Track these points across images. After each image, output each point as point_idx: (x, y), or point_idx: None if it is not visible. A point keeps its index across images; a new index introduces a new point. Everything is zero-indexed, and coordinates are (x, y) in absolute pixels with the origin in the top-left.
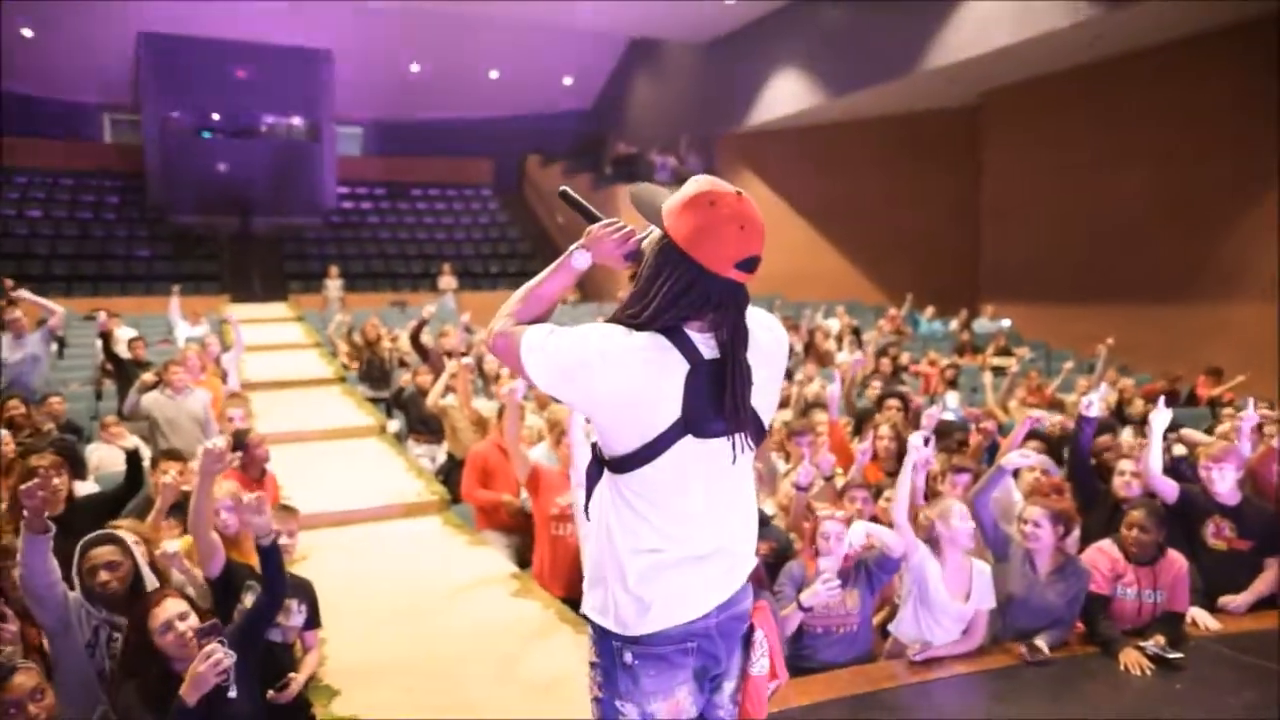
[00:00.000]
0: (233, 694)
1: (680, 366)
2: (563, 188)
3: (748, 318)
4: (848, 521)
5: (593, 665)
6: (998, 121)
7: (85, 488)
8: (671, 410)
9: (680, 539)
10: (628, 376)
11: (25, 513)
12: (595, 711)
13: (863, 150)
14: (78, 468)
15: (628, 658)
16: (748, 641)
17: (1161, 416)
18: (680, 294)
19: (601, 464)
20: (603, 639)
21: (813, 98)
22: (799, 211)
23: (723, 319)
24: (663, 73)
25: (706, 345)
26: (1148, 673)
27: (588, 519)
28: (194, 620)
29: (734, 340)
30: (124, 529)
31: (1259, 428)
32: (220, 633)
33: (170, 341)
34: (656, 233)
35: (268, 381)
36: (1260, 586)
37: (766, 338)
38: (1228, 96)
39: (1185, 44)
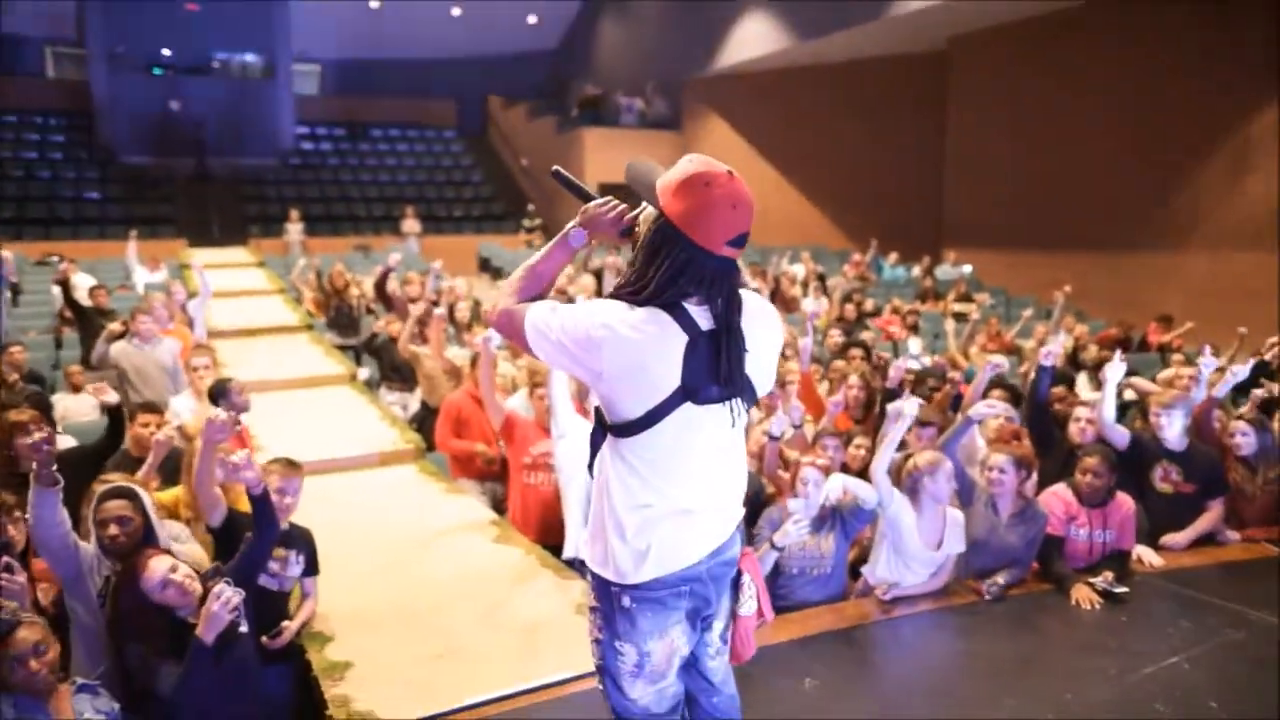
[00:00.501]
0: (244, 628)
1: (679, 338)
2: (555, 167)
3: (744, 297)
4: (826, 470)
5: (592, 610)
6: (964, 68)
7: (60, 441)
8: (672, 379)
9: (673, 496)
10: (631, 350)
11: (35, 466)
12: (596, 652)
13: (829, 95)
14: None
15: (625, 601)
16: (736, 585)
17: (1116, 369)
18: (678, 271)
19: (604, 428)
20: (602, 585)
21: (780, 41)
22: (765, 156)
23: (718, 292)
24: (630, 14)
25: (703, 317)
26: (1096, 607)
27: (591, 478)
28: (186, 569)
29: (728, 312)
30: (121, 500)
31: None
32: (224, 574)
33: (129, 288)
34: (651, 210)
35: (232, 329)
36: (1201, 525)
37: (760, 315)
38: (1185, 52)
39: None
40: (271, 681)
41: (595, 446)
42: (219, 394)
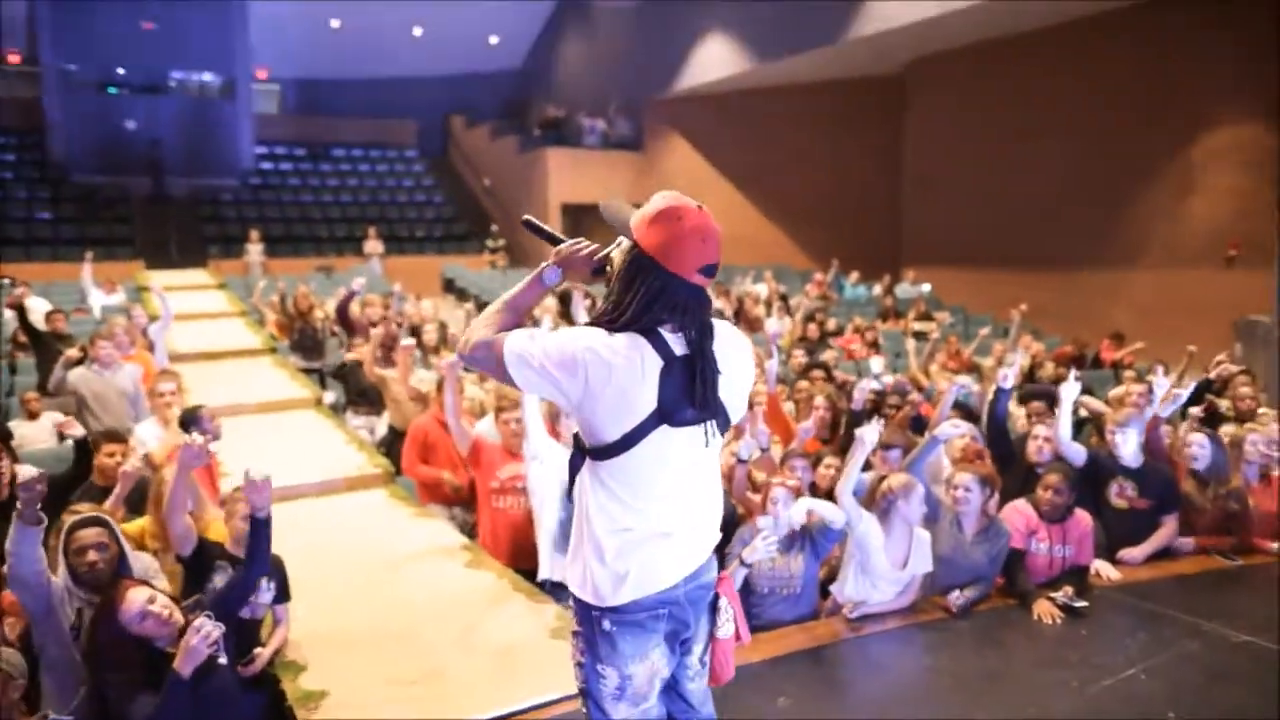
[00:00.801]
0: (223, 660)
1: (656, 362)
2: (526, 217)
3: (716, 325)
4: (796, 490)
5: (575, 634)
6: (921, 91)
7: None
8: (649, 402)
9: (652, 518)
10: (612, 373)
11: (20, 505)
12: (579, 675)
13: (790, 117)
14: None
15: (606, 625)
16: (713, 608)
17: (1071, 389)
18: (653, 298)
19: (582, 453)
20: (584, 610)
21: (741, 63)
22: (727, 176)
23: (691, 319)
24: (592, 35)
25: (678, 343)
26: (1058, 621)
27: (570, 502)
28: (164, 599)
29: (701, 338)
30: (96, 529)
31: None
32: (204, 607)
33: (85, 310)
34: (625, 244)
35: (194, 353)
36: (1156, 540)
37: (732, 341)
38: (1133, 77)
39: (1095, 21)
40: (246, 710)
41: (574, 470)
42: (190, 422)
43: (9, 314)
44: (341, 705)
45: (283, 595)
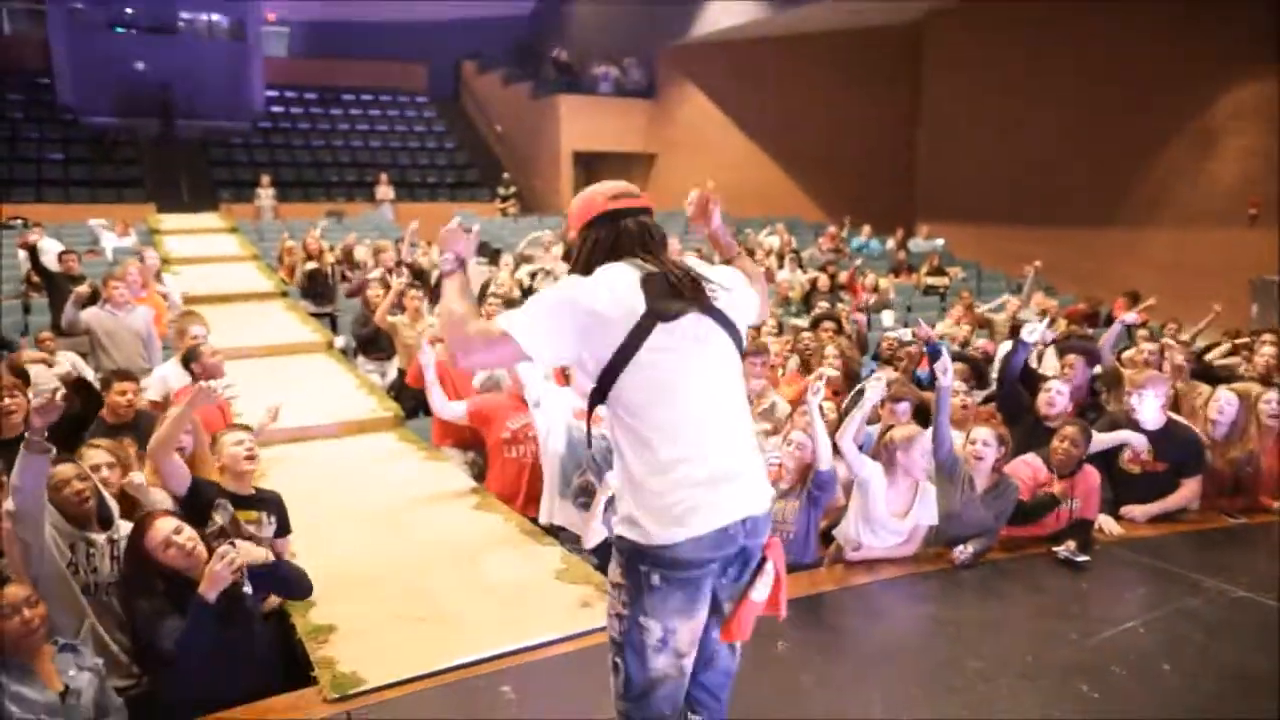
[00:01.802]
0: (248, 589)
1: (633, 275)
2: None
3: (697, 262)
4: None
5: (616, 586)
6: (940, 42)
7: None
8: (638, 305)
9: (685, 456)
10: (600, 294)
11: (30, 432)
12: (617, 626)
13: (805, 66)
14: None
15: (655, 579)
16: (757, 570)
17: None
18: (609, 238)
19: (599, 395)
20: (630, 563)
21: (756, 11)
22: (740, 126)
23: (653, 247)
24: None
25: (648, 265)
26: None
27: (594, 457)
28: (190, 531)
29: (662, 257)
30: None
31: (1162, 351)
32: (228, 536)
33: (98, 253)
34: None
35: (207, 296)
36: (1168, 503)
37: (717, 267)
38: (1155, 32)
39: None
40: (262, 639)
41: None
42: (190, 358)
43: (22, 255)
44: (349, 640)
45: (282, 529)
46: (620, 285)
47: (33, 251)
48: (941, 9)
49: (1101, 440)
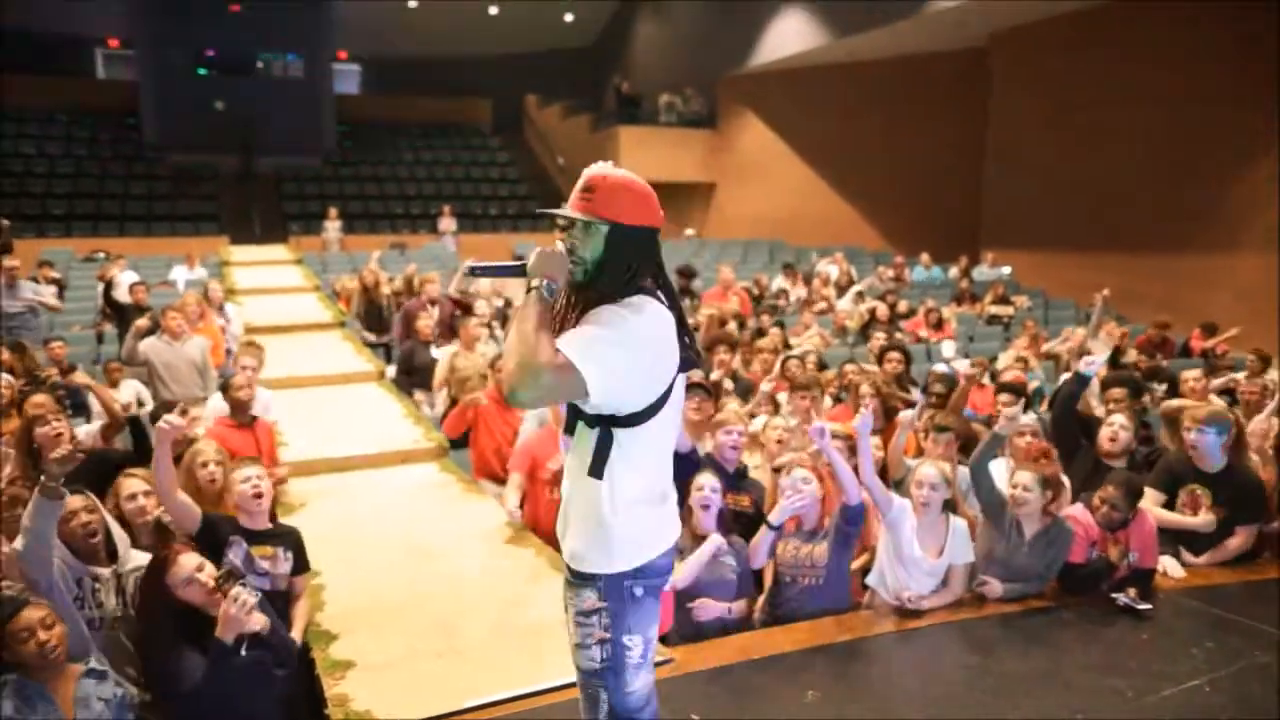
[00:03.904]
0: (258, 625)
1: (669, 316)
2: (470, 264)
3: None
4: (815, 472)
5: (594, 613)
6: (1004, 66)
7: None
8: (677, 354)
9: (658, 477)
10: (668, 341)
11: (46, 475)
12: (600, 654)
13: (866, 94)
14: (81, 412)
15: (638, 591)
16: None
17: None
18: (648, 258)
19: (608, 426)
20: (613, 583)
21: (817, 39)
22: (800, 155)
23: (662, 268)
24: (666, 11)
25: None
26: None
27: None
28: (210, 569)
29: (670, 286)
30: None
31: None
32: (241, 576)
33: (169, 284)
34: (592, 228)
35: (267, 326)
36: (1222, 551)
37: None
38: (1235, 46)
39: None
40: (279, 679)
41: (603, 451)
42: (224, 389)
43: (100, 286)
44: (366, 677)
45: (299, 566)
46: (669, 330)
47: (108, 283)
48: (1006, 31)
49: (1161, 515)
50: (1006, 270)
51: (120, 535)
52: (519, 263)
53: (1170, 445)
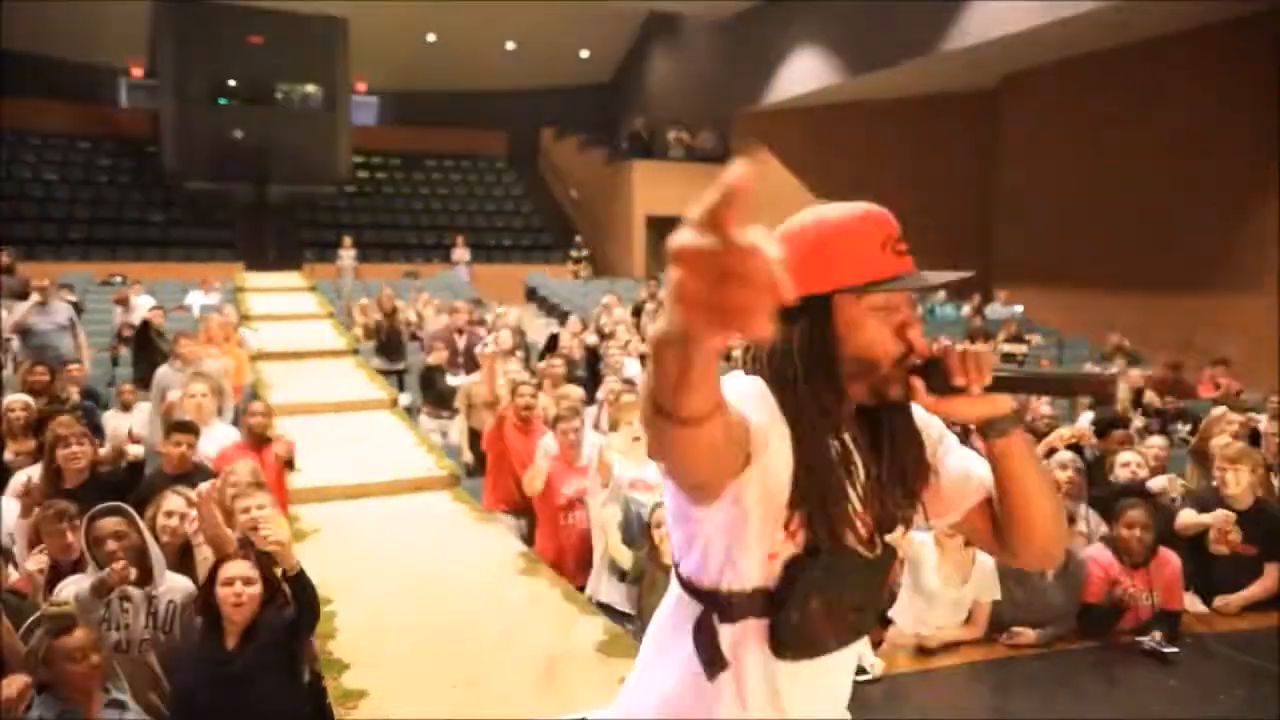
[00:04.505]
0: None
1: None
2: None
3: None
4: None
5: None
6: (1017, 106)
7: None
8: None
9: None
10: None
11: (101, 582)
12: None
13: (880, 132)
14: (96, 434)
15: None
16: None
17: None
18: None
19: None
20: None
21: (831, 77)
22: (813, 191)
23: None
24: (681, 48)
25: None
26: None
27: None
28: (256, 590)
29: None
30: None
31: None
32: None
33: (185, 309)
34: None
35: (281, 352)
36: (1256, 590)
37: None
38: (1251, 87)
39: (1209, 32)
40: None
41: (710, 640)
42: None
43: (116, 310)
44: (379, 705)
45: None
46: None
47: (154, 331)
48: (1018, 72)
49: (1188, 522)
50: (1019, 309)
51: (158, 557)
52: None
53: (1198, 482)
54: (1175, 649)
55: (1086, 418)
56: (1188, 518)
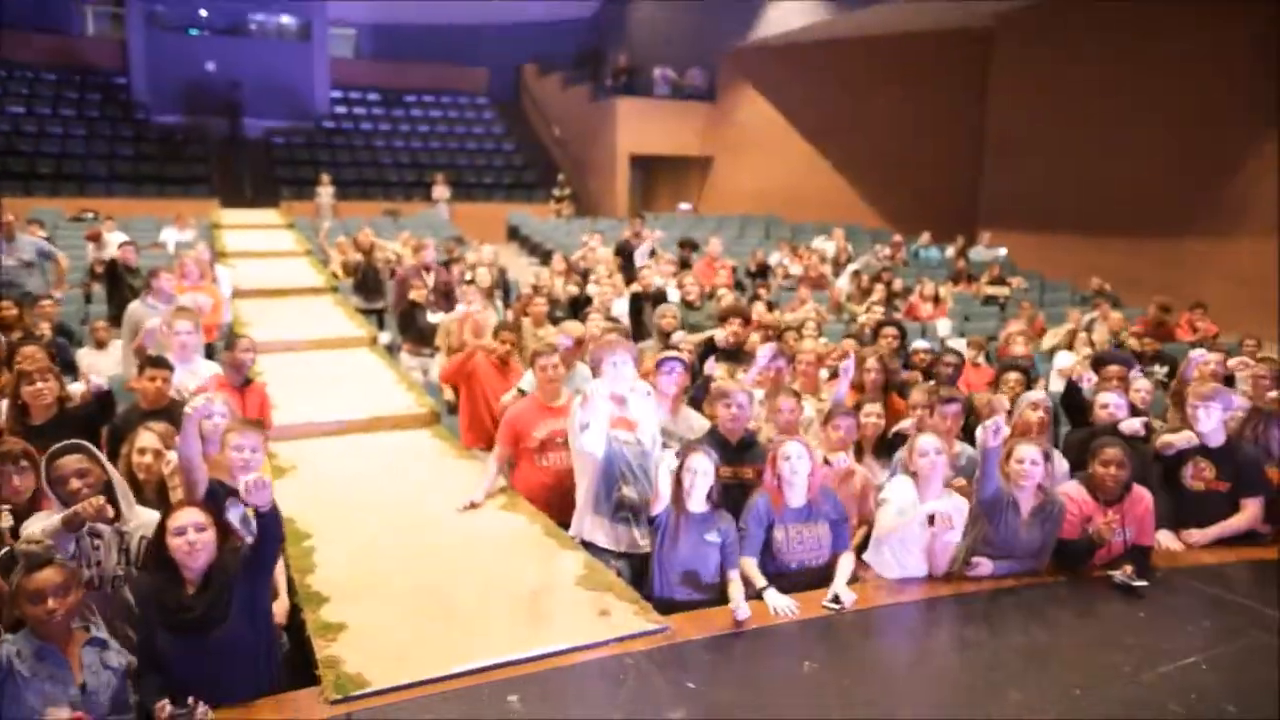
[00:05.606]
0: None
1: None
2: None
3: None
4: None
5: None
6: (1009, 47)
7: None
8: None
9: None
10: None
11: (73, 515)
12: None
13: (868, 70)
14: (69, 370)
15: None
16: None
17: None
18: None
19: None
20: None
21: (820, 12)
22: (800, 130)
23: None
24: None
25: None
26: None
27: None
28: (209, 535)
29: None
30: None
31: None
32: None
33: (159, 245)
34: None
35: (259, 289)
36: (1231, 524)
37: None
38: (1241, 32)
39: None
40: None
41: None
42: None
43: (89, 246)
44: (358, 640)
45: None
46: None
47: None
48: (1013, 11)
49: (1169, 442)
50: (1003, 251)
51: (124, 491)
52: None
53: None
54: (1145, 582)
55: (1064, 357)
56: (1167, 437)
